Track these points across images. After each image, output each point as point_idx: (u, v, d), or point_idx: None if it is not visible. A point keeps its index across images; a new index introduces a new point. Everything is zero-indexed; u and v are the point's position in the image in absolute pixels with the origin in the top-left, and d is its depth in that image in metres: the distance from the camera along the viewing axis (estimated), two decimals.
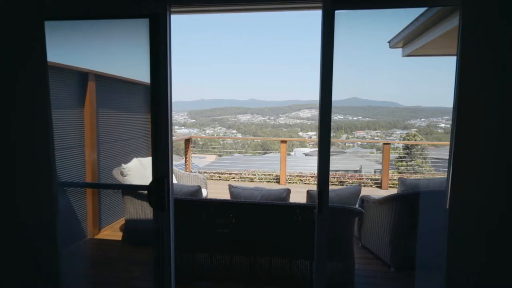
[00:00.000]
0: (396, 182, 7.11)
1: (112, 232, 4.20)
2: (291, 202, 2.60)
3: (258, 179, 7.56)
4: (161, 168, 1.75)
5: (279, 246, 2.65)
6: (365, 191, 6.58)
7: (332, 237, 2.62)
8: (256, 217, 2.67)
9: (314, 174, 7.71)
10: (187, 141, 7.46)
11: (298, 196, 6.25)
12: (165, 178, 1.74)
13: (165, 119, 1.74)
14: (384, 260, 3.29)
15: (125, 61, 3.29)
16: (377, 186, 7.07)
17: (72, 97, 3.75)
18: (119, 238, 3.95)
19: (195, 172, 8.12)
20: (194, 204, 2.72)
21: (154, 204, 1.76)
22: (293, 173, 7.75)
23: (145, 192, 2.93)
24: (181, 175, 4.86)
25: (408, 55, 3.79)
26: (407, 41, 3.64)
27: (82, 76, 3.85)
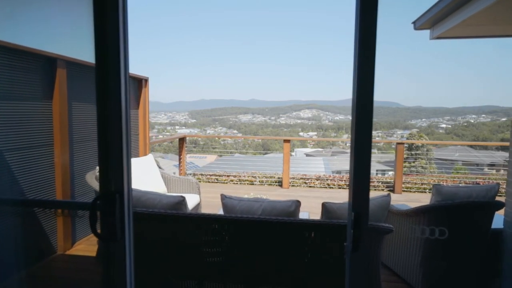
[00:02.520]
0: (410, 185, 6.50)
1: (87, 246, 3.60)
2: (301, 219, 1.99)
3: (259, 181, 6.96)
4: (113, 180, 1.15)
5: (284, 273, 2.05)
6: (374, 196, 5.93)
7: None
8: (256, 237, 2.07)
9: (320, 176, 7.09)
10: (182, 140, 6.86)
11: (303, 201, 5.55)
12: (118, 194, 1.14)
13: (117, 109, 1.15)
14: (413, 284, 2.69)
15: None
16: (389, 190, 6.45)
17: (37, 87, 3.15)
18: (94, 254, 3.35)
19: (191, 174, 7.52)
20: (175, 220, 2.11)
21: (101, 234, 1.16)
22: (297, 175, 7.15)
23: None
24: (171, 179, 4.25)
25: (438, 37, 3.18)
26: (438, 20, 3.03)
27: (50, 62, 3.24)
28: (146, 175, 3.91)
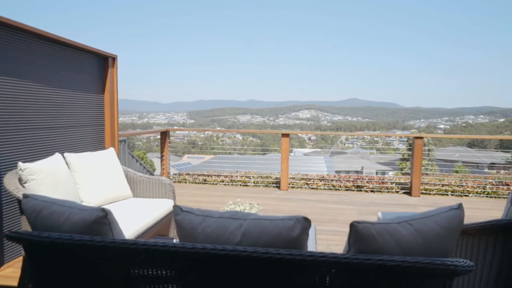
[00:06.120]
0: (429, 187, 5.59)
1: (19, 269, 2.69)
2: (312, 254, 1.09)
3: (254, 182, 6.05)
4: None
5: None
6: (389, 200, 5.09)
7: None
8: (229, 282, 1.16)
9: (323, 177, 6.19)
10: (164, 135, 5.95)
11: (306, 206, 4.56)
12: None
13: None
14: None
15: None
16: (404, 193, 5.55)
17: None
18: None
19: (176, 174, 6.59)
20: (88, 250, 1.20)
21: None
22: (297, 175, 6.24)
23: (66, 207, 1.44)
24: (138, 180, 3.34)
25: None
26: None
27: None
28: (102, 175, 2.99)
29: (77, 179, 2.81)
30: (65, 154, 2.87)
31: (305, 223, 1.16)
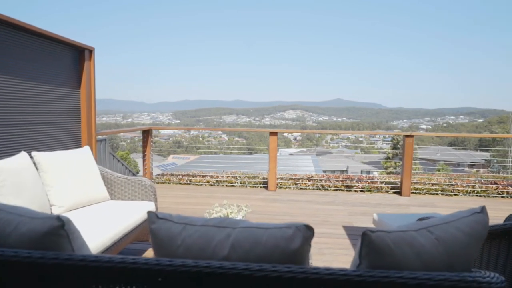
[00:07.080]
0: (419, 186, 5.51)
1: None
2: (317, 270, 0.90)
3: (240, 183, 5.84)
4: None
5: None
6: (380, 200, 4.96)
7: None
8: None
9: (312, 177, 6.03)
10: (146, 134, 5.66)
11: (294, 207, 4.40)
12: None
13: None
14: None
15: None
16: (394, 192, 5.45)
17: None
18: None
19: (160, 174, 6.31)
20: (42, 272, 0.97)
21: None
22: (285, 175, 6.06)
23: (17, 216, 1.19)
24: (115, 181, 3.08)
25: None
26: None
27: None
28: (75, 176, 2.73)
29: (47, 181, 2.54)
30: (33, 153, 2.59)
31: (307, 232, 0.97)
